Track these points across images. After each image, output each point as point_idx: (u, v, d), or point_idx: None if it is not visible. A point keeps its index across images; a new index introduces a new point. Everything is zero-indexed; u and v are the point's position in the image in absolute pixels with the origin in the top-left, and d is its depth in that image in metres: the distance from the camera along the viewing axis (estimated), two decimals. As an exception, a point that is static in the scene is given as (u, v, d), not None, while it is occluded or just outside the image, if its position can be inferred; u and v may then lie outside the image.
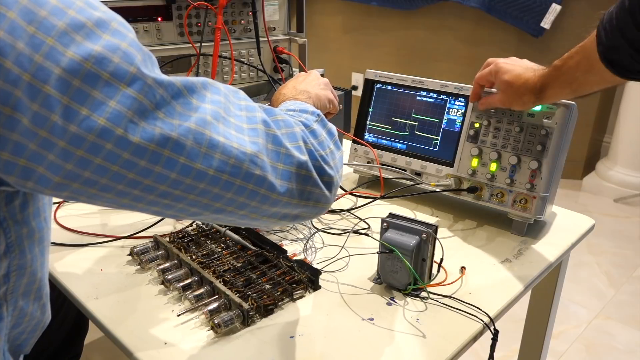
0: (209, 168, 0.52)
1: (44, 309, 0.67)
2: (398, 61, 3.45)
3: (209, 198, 0.54)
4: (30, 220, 0.59)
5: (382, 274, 0.82)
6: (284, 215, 0.62)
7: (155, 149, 0.49)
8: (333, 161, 0.65)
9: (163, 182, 0.51)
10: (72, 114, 0.45)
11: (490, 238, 0.98)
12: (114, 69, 0.46)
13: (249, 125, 0.57)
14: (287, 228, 1.00)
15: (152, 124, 0.48)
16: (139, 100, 0.47)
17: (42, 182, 0.47)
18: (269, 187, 0.57)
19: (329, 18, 3.71)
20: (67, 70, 0.44)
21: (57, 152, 0.45)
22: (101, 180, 0.48)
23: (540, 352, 1.16)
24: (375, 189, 1.13)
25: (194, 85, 0.53)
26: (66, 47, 0.44)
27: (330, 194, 0.64)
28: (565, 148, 0.96)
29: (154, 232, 0.93)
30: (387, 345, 0.71)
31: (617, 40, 0.70)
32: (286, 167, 0.59)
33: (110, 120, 0.46)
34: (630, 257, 2.37)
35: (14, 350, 0.66)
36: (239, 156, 0.54)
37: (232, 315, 0.72)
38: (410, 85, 1.11)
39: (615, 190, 2.86)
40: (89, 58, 0.45)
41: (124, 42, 0.47)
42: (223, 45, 1.34)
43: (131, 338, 0.71)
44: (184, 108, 0.51)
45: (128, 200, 0.51)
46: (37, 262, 0.62)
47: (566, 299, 2.04)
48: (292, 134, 0.61)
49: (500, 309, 0.78)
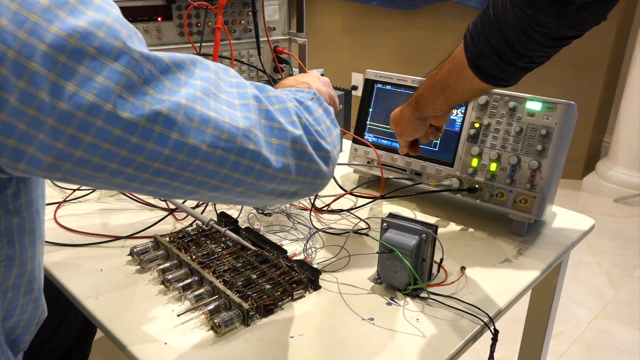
0: (202, 143, 0.52)
1: (36, 303, 0.67)
2: (398, 61, 3.46)
3: (204, 175, 0.54)
4: (22, 210, 0.59)
5: (382, 274, 0.82)
6: (281, 192, 0.62)
7: (146, 124, 0.48)
8: (330, 137, 0.65)
9: (156, 158, 0.50)
10: (59, 90, 0.44)
11: (490, 238, 0.98)
12: (100, 44, 0.46)
13: (240, 101, 0.57)
14: (287, 228, 1.00)
15: (142, 100, 0.48)
16: (127, 75, 0.47)
17: (33, 163, 0.47)
18: (264, 163, 0.57)
19: (329, 18, 3.72)
20: (52, 46, 0.43)
21: (47, 131, 0.45)
22: (93, 159, 0.48)
23: (540, 352, 1.16)
24: (375, 189, 1.13)
25: (182, 61, 0.53)
26: (50, 23, 0.44)
27: (327, 168, 0.64)
28: (565, 148, 0.96)
29: (154, 232, 0.93)
30: (387, 345, 0.71)
31: (483, 47, 0.75)
32: (280, 141, 0.58)
33: (99, 95, 0.45)
34: (630, 257, 2.37)
35: (10, 346, 0.66)
36: (232, 131, 0.54)
37: (232, 315, 0.73)
38: (410, 85, 1.11)
39: (615, 190, 2.86)
40: (74, 34, 0.44)
41: (109, 18, 0.47)
42: (223, 45, 1.34)
43: (131, 338, 0.71)
44: (173, 84, 0.51)
45: (122, 180, 0.51)
46: (27, 254, 0.61)
47: (566, 299, 2.04)
48: (285, 109, 0.61)
49: (500, 309, 0.78)
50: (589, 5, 0.65)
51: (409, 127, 0.96)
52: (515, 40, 0.71)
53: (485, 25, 0.74)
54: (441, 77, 0.85)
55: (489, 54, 0.75)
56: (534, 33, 0.69)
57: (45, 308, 0.69)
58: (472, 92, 0.84)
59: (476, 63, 0.77)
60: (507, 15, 0.70)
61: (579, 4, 0.65)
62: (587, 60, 2.82)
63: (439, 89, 0.86)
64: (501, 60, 0.74)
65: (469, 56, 0.77)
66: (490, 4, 0.73)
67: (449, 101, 0.87)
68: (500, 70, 0.76)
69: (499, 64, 0.75)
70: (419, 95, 0.91)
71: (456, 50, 0.81)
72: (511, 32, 0.71)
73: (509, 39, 0.72)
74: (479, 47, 0.75)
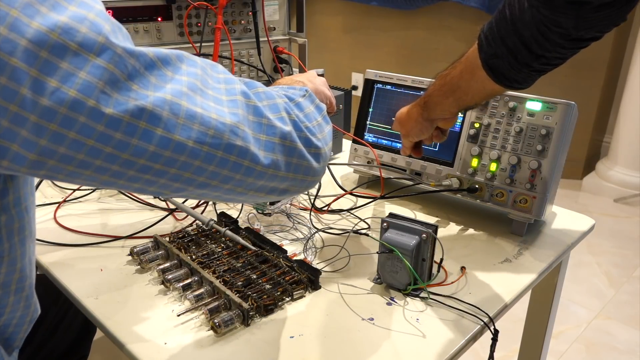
0: (188, 139, 0.51)
1: (28, 301, 0.66)
2: (398, 61, 3.46)
3: (191, 172, 0.53)
4: (10, 208, 0.58)
5: (382, 274, 0.82)
6: (271, 189, 0.61)
7: (130, 120, 0.48)
8: (321, 133, 0.64)
9: (141, 155, 0.50)
10: (41, 86, 0.44)
11: (490, 238, 0.98)
12: (82, 39, 0.45)
13: (227, 97, 0.56)
14: (287, 228, 1.00)
15: (126, 95, 0.47)
16: (110, 71, 0.46)
17: (17, 160, 0.46)
18: (252, 159, 0.56)
19: (329, 18, 3.72)
20: (33, 41, 0.43)
21: (30, 128, 0.45)
22: (77, 155, 0.47)
23: (540, 352, 1.16)
24: (375, 189, 1.13)
25: (168, 57, 0.52)
26: (31, 18, 0.43)
27: (318, 165, 0.63)
28: (565, 148, 0.96)
29: (154, 232, 0.93)
30: (387, 345, 0.71)
31: (498, 48, 0.74)
32: (269, 138, 0.58)
33: (81, 91, 0.45)
34: (630, 257, 2.37)
35: (3, 344, 0.65)
36: (219, 127, 0.53)
37: (232, 315, 0.72)
38: (410, 85, 1.11)
39: (615, 190, 2.86)
40: (55, 29, 0.44)
41: (91, 13, 0.47)
42: (223, 45, 1.34)
43: (131, 338, 0.71)
44: (159, 80, 0.50)
45: (108, 177, 0.50)
46: (16, 252, 0.61)
47: (566, 299, 2.04)
48: (274, 105, 0.60)
49: (500, 309, 0.78)
50: (606, 6, 0.64)
51: (415, 127, 0.95)
52: (532, 40, 0.70)
53: (501, 26, 0.73)
54: (452, 77, 0.84)
55: (504, 54, 0.73)
56: (552, 34, 0.68)
57: (38, 306, 0.69)
58: (483, 94, 0.83)
59: (490, 64, 0.76)
60: (524, 16, 0.69)
61: (596, 4, 0.63)
62: (587, 60, 2.82)
63: (449, 90, 0.85)
64: (516, 61, 0.73)
65: (483, 56, 0.76)
66: (507, 4, 0.72)
67: (459, 103, 0.86)
68: (514, 72, 0.75)
69: (514, 65, 0.74)
70: (427, 96, 0.90)
71: (469, 51, 0.79)
72: (528, 33, 0.70)
73: (525, 40, 0.70)
74: (493, 47, 0.74)
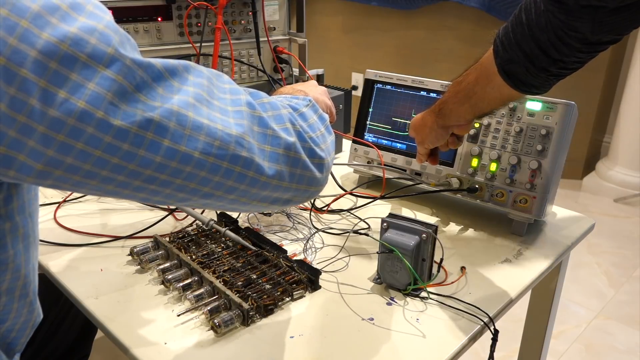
0: (194, 150, 0.51)
1: (31, 307, 0.66)
2: (398, 61, 3.45)
3: (197, 182, 0.53)
4: (15, 215, 0.58)
5: (382, 274, 0.82)
6: (275, 199, 0.61)
7: (137, 131, 0.48)
8: (324, 144, 0.65)
9: (148, 166, 0.50)
10: (50, 97, 0.44)
11: (490, 238, 0.98)
12: (92, 50, 0.45)
13: (233, 108, 0.56)
14: (287, 228, 1.00)
15: (133, 107, 0.47)
16: (118, 82, 0.47)
17: (24, 170, 0.46)
18: (257, 170, 0.56)
19: (329, 18, 3.71)
20: (43, 52, 0.43)
21: (37, 138, 0.45)
22: (84, 166, 0.47)
23: (540, 352, 1.16)
24: (375, 189, 1.13)
25: (175, 67, 0.52)
26: (41, 30, 0.43)
27: (321, 175, 0.63)
28: (565, 148, 0.96)
29: (154, 232, 0.93)
30: (387, 345, 0.71)
31: (515, 53, 0.73)
32: (274, 148, 0.58)
33: (90, 102, 0.45)
34: (630, 257, 2.37)
35: (6, 349, 0.65)
36: (224, 138, 0.53)
37: (232, 315, 0.73)
38: (410, 85, 1.11)
39: (615, 190, 2.86)
40: (65, 40, 0.44)
41: (101, 24, 0.47)
42: (223, 45, 1.34)
43: (131, 338, 0.71)
44: (166, 91, 0.50)
45: (113, 187, 0.51)
46: (20, 258, 0.61)
47: (566, 299, 2.04)
48: (279, 116, 0.60)
49: (500, 309, 0.78)
50: (623, 9, 0.62)
51: (430, 135, 0.93)
52: (549, 45, 0.69)
53: (517, 31, 0.71)
54: (467, 84, 0.82)
55: (520, 59, 0.72)
56: (569, 38, 0.67)
57: (40, 311, 0.69)
58: (499, 100, 0.81)
59: (507, 69, 0.75)
60: (540, 20, 0.68)
61: (611, 7, 0.62)
62: (587, 60, 2.82)
63: (464, 97, 0.84)
64: (534, 66, 0.72)
65: (499, 62, 0.75)
66: (523, 8, 0.71)
67: (474, 109, 0.84)
68: (532, 77, 0.73)
69: (531, 70, 0.72)
70: (442, 103, 0.88)
71: (484, 57, 0.78)
72: (545, 37, 0.69)
73: (542, 44, 0.69)
74: (510, 52, 0.73)
